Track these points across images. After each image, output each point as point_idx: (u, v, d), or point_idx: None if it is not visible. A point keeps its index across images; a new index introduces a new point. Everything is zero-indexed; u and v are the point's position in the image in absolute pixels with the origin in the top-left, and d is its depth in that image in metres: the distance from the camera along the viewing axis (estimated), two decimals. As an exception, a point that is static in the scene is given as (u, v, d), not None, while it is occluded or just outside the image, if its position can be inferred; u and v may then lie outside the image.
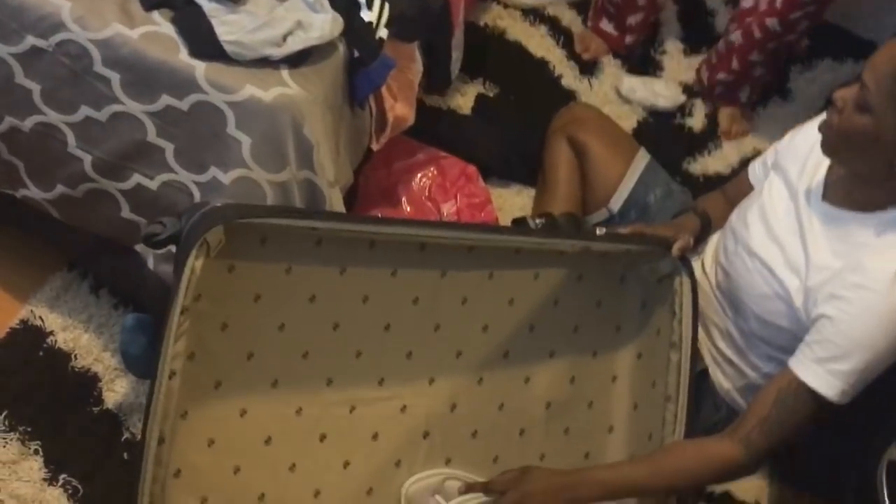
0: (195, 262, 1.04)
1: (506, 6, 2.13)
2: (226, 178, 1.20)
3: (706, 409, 1.43)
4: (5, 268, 1.48)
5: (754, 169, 1.48)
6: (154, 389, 1.05)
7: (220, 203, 1.09)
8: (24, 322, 1.44)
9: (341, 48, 1.28)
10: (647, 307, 1.39)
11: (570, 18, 2.20)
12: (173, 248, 1.10)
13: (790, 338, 1.29)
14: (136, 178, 1.25)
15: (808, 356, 1.21)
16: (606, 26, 2.10)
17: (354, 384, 1.27)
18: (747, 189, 1.47)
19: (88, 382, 1.39)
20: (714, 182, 1.94)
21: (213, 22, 1.18)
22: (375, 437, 1.28)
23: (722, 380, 1.42)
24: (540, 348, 1.38)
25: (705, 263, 1.45)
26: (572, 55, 2.12)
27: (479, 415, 1.34)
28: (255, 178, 1.20)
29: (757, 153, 1.70)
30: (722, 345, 1.41)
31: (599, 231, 1.31)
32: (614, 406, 1.41)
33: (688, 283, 1.32)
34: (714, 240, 1.47)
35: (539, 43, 2.11)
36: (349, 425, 1.26)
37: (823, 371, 1.19)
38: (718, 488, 1.54)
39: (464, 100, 1.92)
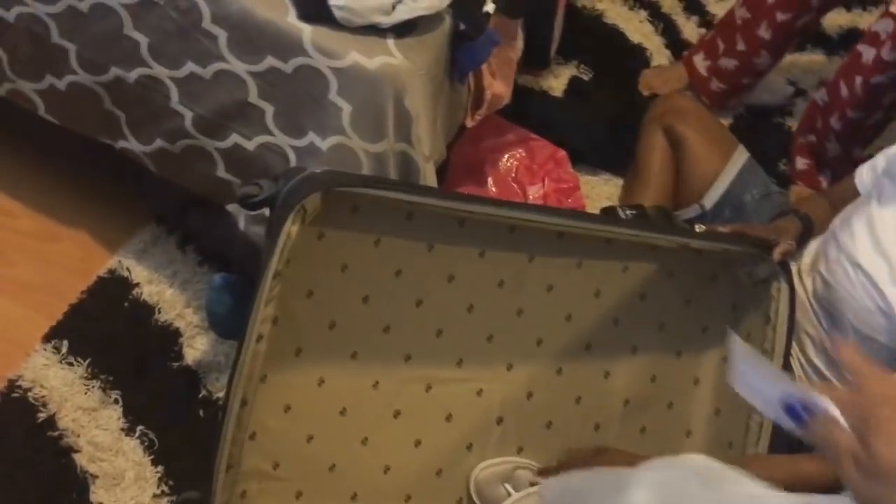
0: (291, 228, 1.03)
1: (604, -12, 2.10)
2: (323, 144, 1.19)
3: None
4: (97, 217, 1.50)
5: (861, 174, 1.40)
6: (241, 351, 1.05)
7: (319, 169, 1.08)
8: (111, 272, 1.46)
9: (448, 20, 1.25)
10: (739, 310, 1.34)
11: (670, 4, 2.13)
12: (266, 211, 1.09)
13: (888, 354, 1.23)
14: (235, 138, 1.24)
15: None
16: (699, 62, 1.93)
17: (432, 363, 1.25)
18: (853, 194, 1.39)
19: (170, 337, 1.40)
20: (811, 187, 1.86)
21: (324, -16, 1.16)
22: (449, 418, 1.26)
23: None
24: (623, 343, 1.34)
25: (802, 270, 1.39)
26: (671, 42, 2.05)
27: (555, 405, 1.31)
28: (353, 146, 1.19)
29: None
30: (813, 355, 1.35)
31: (698, 228, 1.25)
32: (695, 409, 1.37)
33: (786, 291, 1.26)
34: (813, 246, 1.41)
35: (637, 28, 2.05)
36: (424, 404, 1.24)
37: None
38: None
39: (557, 82, 1.88)
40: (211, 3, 1.17)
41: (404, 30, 1.19)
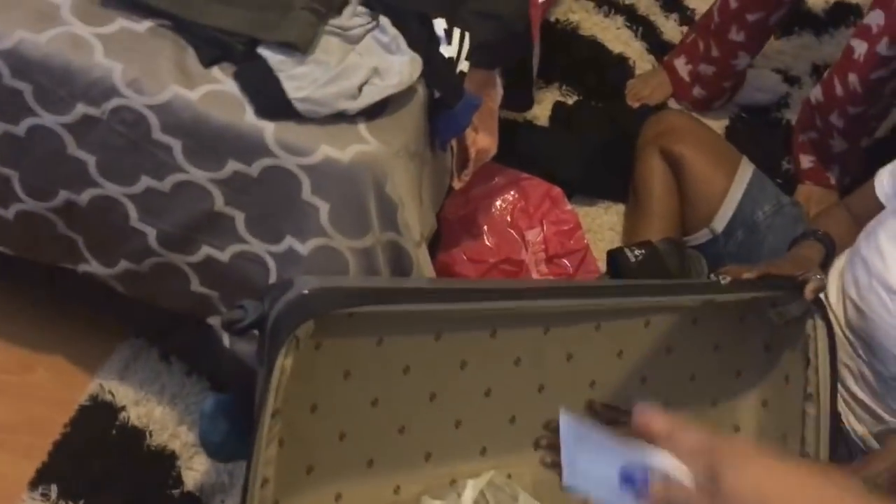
0: (285, 362, 0.93)
1: (577, -2, 2.01)
2: (303, 248, 1.09)
3: (839, 455, 1.28)
4: (71, 339, 1.40)
5: (882, 181, 1.31)
6: (245, 500, 0.95)
7: (307, 289, 0.98)
8: (93, 398, 1.37)
9: (421, 90, 1.15)
10: (773, 350, 1.24)
11: (646, 5, 2.03)
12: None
13: None
14: (206, 250, 1.15)
15: None
16: (681, 67, 1.85)
17: (455, 456, 1.16)
18: (875, 204, 1.30)
19: (166, 462, 1.31)
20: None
21: (280, 77, 1.05)
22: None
23: (856, 424, 1.28)
24: (653, 399, 1.23)
25: (830, 295, 1.30)
26: (652, 46, 1.95)
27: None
28: (336, 245, 1.09)
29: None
30: (855, 387, 1.26)
31: (723, 280, 1.16)
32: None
33: (822, 328, 1.17)
34: (839, 266, 1.32)
35: (615, 35, 1.95)
36: (452, 501, 1.16)
37: None
38: None
39: (540, 109, 1.78)
40: (159, 112, 1.07)
41: (375, 111, 1.09)
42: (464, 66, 1.18)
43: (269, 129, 1.06)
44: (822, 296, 1.25)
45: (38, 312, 1.41)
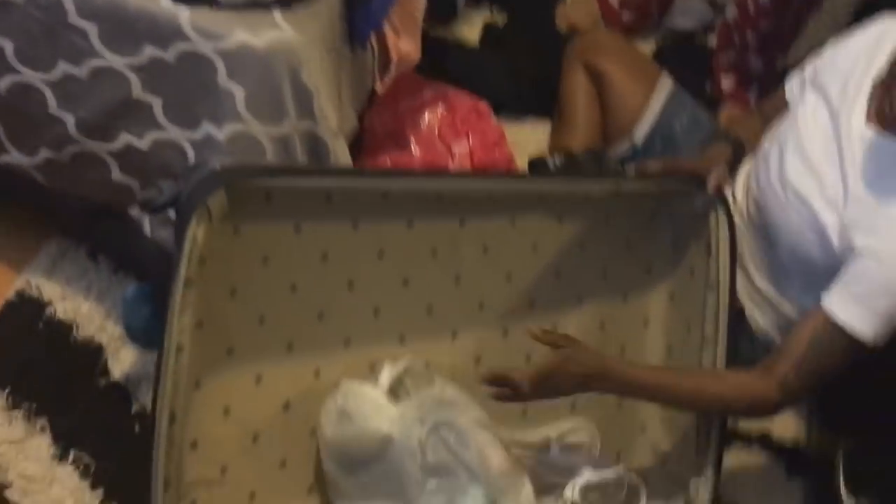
0: (196, 231, 0.96)
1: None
2: (220, 133, 1.11)
3: (744, 349, 1.36)
4: None
5: (792, 85, 1.37)
6: (161, 367, 0.98)
7: (219, 164, 1.01)
8: (20, 294, 1.37)
9: (337, -18, 1.17)
10: (680, 245, 1.31)
11: None
12: (172, 213, 1.02)
13: (825, 271, 1.21)
14: (125, 138, 1.16)
15: (842, 294, 1.14)
16: None
17: (374, 343, 1.20)
18: (784, 107, 1.36)
19: (93, 353, 1.33)
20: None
21: (194, -40, 1.07)
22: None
23: (758, 317, 1.35)
24: (567, 295, 1.31)
25: (737, 194, 1.36)
26: (584, -28, 1.98)
27: (505, 367, 1.28)
28: (253, 132, 1.11)
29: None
30: (758, 280, 1.33)
31: (628, 169, 1.21)
32: (647, 350, 1.35)
33: (724, 220, 1.23)
34: (746, 168, 1.38)
35: (547, -39, 1.96)
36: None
37: (858, 310, 1.12)
38: (756, 427, 1.48)
39: (470, 30, 1.80)
40: None
41: (290, 0, 1.11)
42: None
43: (184, 14, 1.08)
44: (728, 193, 1.31)
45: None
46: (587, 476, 1.24)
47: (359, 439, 1.10)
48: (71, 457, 1.25)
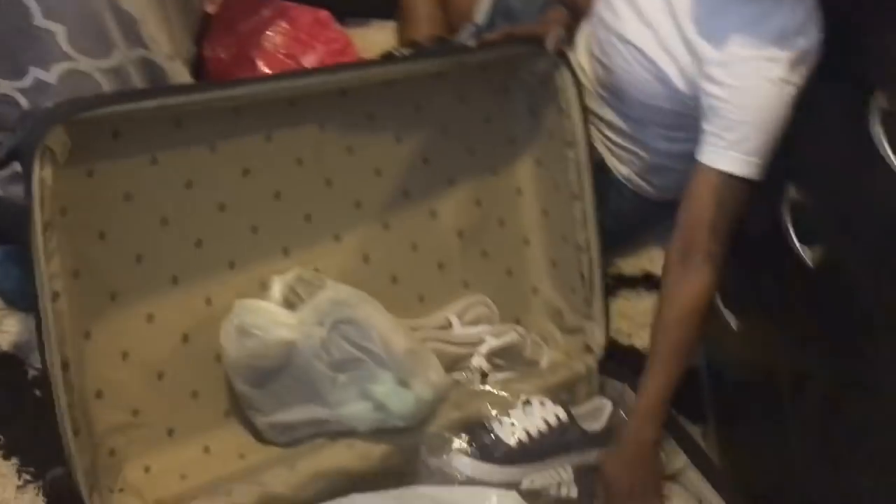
0: (42, 174, 0.94)
1: None
2: (50, 76, 1.07)
3: (612, 198, 1.43)
4: None
5: None
6: (41, 317, 0.96)
7: (52, 103, 0.98)
8: None
9: None
10: (536, 112, 1.35)
11: None
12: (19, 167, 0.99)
13: (676, 115, 1.28)
14: None
15: (719, 146, 1.16)
16: None
17: (259, 261, 1.21)
18: None
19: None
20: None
21: None
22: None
23: (619, 167, 1.42)
24: (439, 179, 1.34)
25: (580, 57, 1.41)
26: None
27: (393, 260, 1.31)
28: (83, 68, 1.07)
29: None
30: (611, 134, 1.40)
31: (468, 41, 1.24)
32: (525, 218, 1.40)
33: (569, 77, 1.28)
34: (585, 31, 1.43)
35: None
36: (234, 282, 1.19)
37: (740, 155, 1.15)
38: (638, 269, 1.57)
39: (297, -59, 1.76)
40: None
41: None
42: None
43: None
44: (571, 57, 1.36)
45: None
46: (490, 343, 1.31)
47: (262, 352, 1.12)
48: None
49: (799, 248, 1.11)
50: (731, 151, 1.16)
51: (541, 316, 1.41)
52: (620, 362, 1.34)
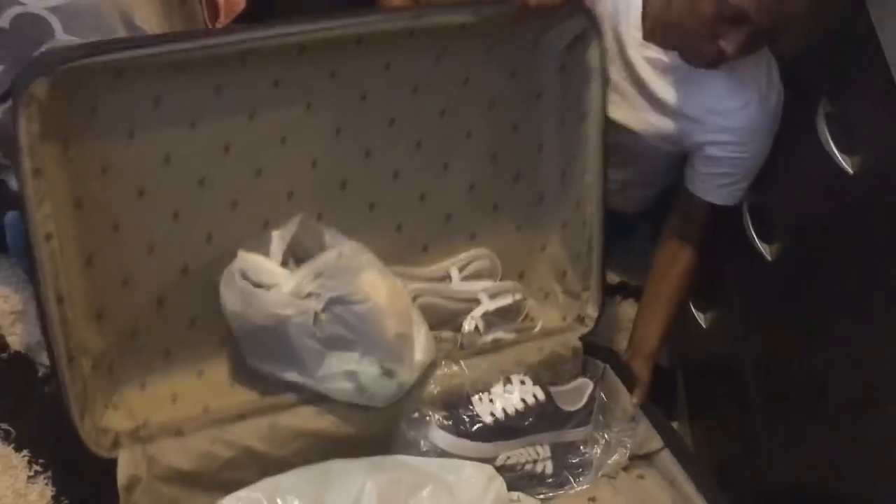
0: (30, 127, 0.96)
1: None
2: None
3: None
4: None
5: None
6: (35, 255, 1.01)
7: (42, 52, 0.99)
8: None
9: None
10: (566, 70, 1.28)
11: None
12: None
13: (663, 159, 1.36)
14: None
15: (714, 185, 1.30)
16: None
17: (262, 203, 1.21)
18: None
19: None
20: None
21: None
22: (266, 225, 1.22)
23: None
24: (455, 131, 1.30)
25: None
26: None
27: (400, 209, 1.30)
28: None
29: None
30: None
31: None
32: (542, 175, 1.36)
33: (595, 43, 1.21)
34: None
35: None
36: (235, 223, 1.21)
37: (733, 190, 1.30)
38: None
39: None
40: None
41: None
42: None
43: None
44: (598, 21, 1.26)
45: None
46: (485, 305, 1.31)
47: (255, 313, 1.14)
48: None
49: (759, 244, 1.23)
50: (724, 189, 1.30)
51: (546, 273, 1.40)
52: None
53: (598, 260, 1.31)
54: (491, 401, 1.19)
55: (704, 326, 1.41)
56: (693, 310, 1.43)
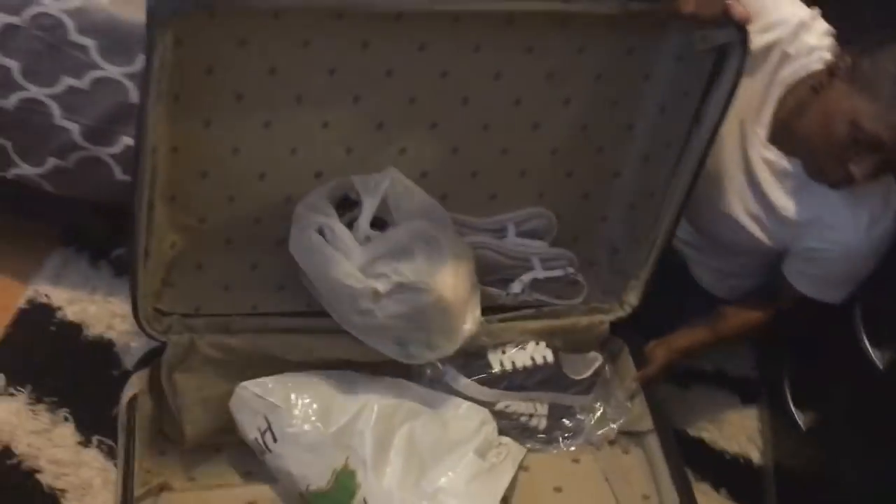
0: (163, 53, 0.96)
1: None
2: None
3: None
4: (3, 253, 1.46)
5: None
6: (139, 160, 1.04)
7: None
8: (30, 302, 1.43)
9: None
10: (685, 61, 1.24)
11: None
12: None
13: (760, 255, 1.36)
14: (125, 141, 1.28)
15: (812, 279, 1.30)
16: None
17: (351, 128, 1.21)
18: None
19: (104, 348, 1.39)
20: None
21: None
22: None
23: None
24: (555, 95, 1.27)
25: None
26: None
27: (480, 158, 1.30)
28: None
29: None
30: (692, 252, 1.48)
31: None
32: (625, 154, 1.35)
33: (737, 59, 1.15)
34: None
35: None
36: (346, 167, 1.23)
37: (829, 289, 1.30)
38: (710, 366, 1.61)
39: None
40: (75, 16, 1.22)
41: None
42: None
43: None
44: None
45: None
46: (536, 273, 1.35)
47: (318, 268, 1.17)
48: (94, 441, 1.30)
49: (870, 349, 1.16)
50: (824, 287, 1.29)
51: (598, 243, 1.43)
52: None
53: (656, 256, 1.34)
54: (503, 352, 1.28)
55: (803, 428, 1.36)
56: (792, 407, 1.38)
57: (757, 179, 1.25)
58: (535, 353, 1.30)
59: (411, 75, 1.18)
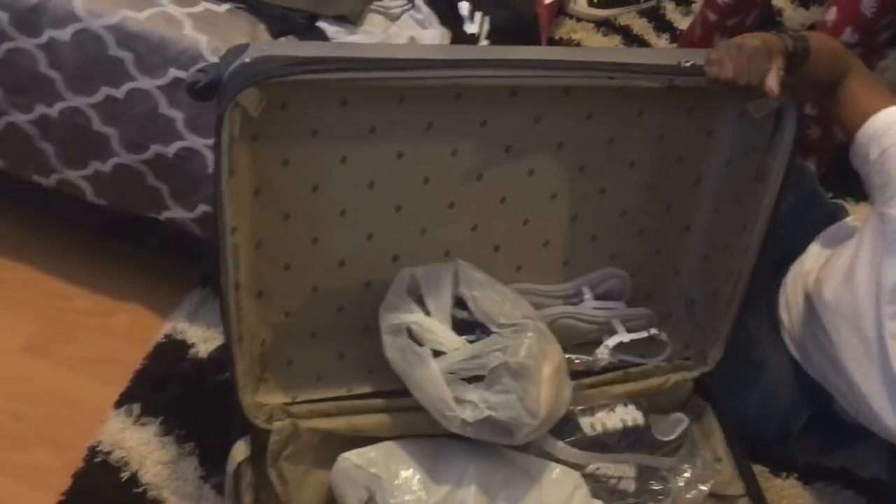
0: (232, 130, 1.01)
1: (578, 20, 2.25)
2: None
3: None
4: (146, 289, 1.55)
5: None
6: (222, 245, 1.09)
7: (250, 57, 1.02)
8: (167, 337, 1.50)
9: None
10: (746, 118, 1.24)
11: (640, 27, 2.28)
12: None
13: None
14: None
15: None
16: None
17: (425, 209, 1.24)
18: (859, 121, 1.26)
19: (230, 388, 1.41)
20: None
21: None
22: (447, 254, 1.28)
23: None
24: (619, 159, 1.29)
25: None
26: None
27: (551, 227, 1.32)
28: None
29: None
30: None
31: (684, 63, 1.13)
32: (695, 207, 1.35)
33: (793, 120, 1.17)
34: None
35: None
36: (421, 248, 1.26)
37: None
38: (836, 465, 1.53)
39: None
40: None
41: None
42: (484, 44, 1.41)
43: (203, 40, 1.26)
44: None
45: (119, 265, 1.57)
46: (620, 337, 1.35)
47: (404, 365, 1.19)
48: (217, 476, 1.33)
49: None
50: None
51: (673, 297, 1.42)
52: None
53: (736, 308, 1.33)
54: (592, 415, 1.28)
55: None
56: None
57: (889, 358, 1.21)
58: (625, 415, 1.29)
59: (476, 153, 1.21)
